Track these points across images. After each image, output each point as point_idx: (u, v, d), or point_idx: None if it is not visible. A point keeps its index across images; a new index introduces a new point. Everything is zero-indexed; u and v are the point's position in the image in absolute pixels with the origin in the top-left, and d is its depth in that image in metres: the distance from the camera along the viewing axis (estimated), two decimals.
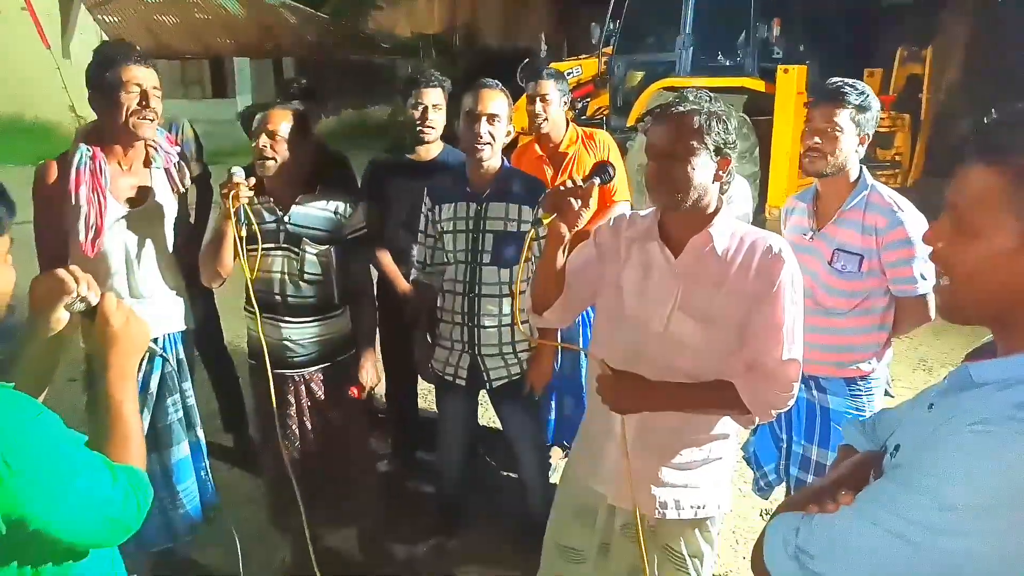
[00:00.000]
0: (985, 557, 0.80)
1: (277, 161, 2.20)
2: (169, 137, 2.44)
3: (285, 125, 2.20)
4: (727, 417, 1.74)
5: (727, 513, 1.86)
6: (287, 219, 2.29)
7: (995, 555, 0.80)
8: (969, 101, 7.83)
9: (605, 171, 1.72)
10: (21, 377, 1.21)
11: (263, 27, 16.54)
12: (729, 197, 1.72)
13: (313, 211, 2.31)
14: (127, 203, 2.20)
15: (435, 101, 2.86)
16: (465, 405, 2.70)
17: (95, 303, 1.24)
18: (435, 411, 3.71)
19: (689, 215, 1.63)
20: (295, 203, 2.29)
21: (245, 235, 2.20)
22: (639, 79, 7.88)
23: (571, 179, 1.67)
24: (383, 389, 3.45)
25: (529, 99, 3.08)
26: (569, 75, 7.76)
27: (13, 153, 10.20)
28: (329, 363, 2.41)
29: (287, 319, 2.31)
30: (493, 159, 2.38)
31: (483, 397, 2.72)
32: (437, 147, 2.96)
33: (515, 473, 2.98)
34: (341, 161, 3.31)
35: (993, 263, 0.87)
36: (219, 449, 3.31)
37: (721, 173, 1.61)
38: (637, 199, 4.58)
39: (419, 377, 3.14)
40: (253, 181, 2.15)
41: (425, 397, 3.91)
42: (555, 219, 1.66)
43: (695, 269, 1.64)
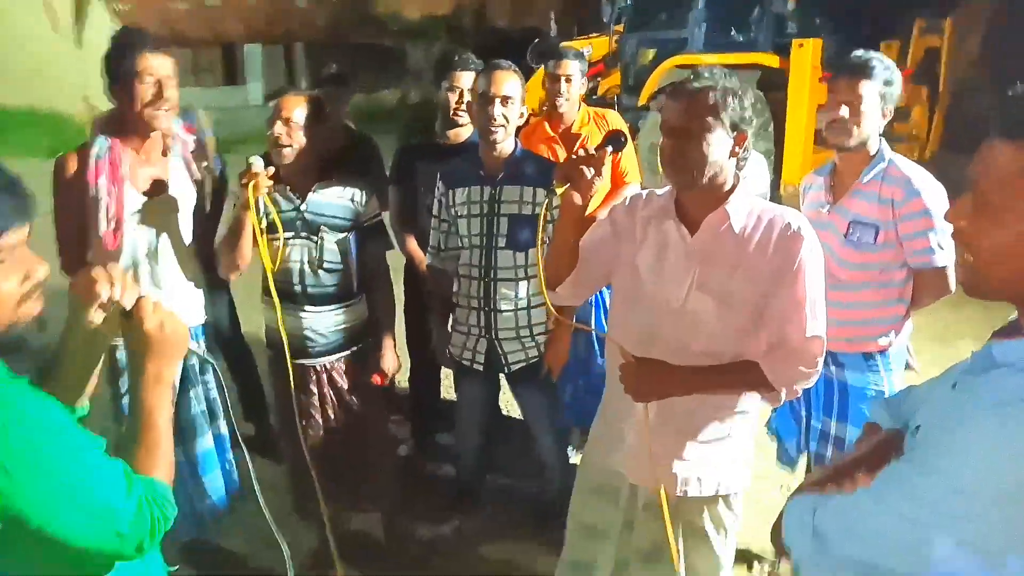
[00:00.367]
0: (995, 543, 0.80)
1: (294, 148, 2.20)
2: (185, 125, 2.45)
3: (299, 111, 2.19)
4: (747, 394, 1.73)
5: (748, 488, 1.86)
6: (305, 207, 2.29)
7: (1005, 542, 0.79)
8: (988, 74, 7.68)
9: (618, 140, 1.71)
10: (62, 372, 1.20)
11: (273, 12, 16.52)
12: (745, 174, 1.71)
13: (331, 199, 2.32)
14: (146, 194, 2.22)
15: (471, 85, 2.81)
16: (483, 389, 2.72)
17: (129, 306, 1.17)
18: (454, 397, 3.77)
19: (705, 193, 1.62)
20: (312, 191, 2.30)
21: (265, 225, 2.21)
22: (651, 57, 7.77)
23: (583, 147, 1.67)
24: (404, 374, 3.47)
25: (551, 79, 3.05)
26: (587, 52, 7.67)
27: (27, 146, 10.24)
28: (350, 351, 2.42)
29: (307, 308, 2.32)
30: (507, 142, 2.38)
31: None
32: (467, 130, 2.94)
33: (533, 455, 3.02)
34: (367, 143, 3.30)
35: (1017, 242, 0.85)
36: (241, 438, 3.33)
37: (737, 149, 1.60)
38: (649, 179, 4.54)
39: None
40: (272, 170, 2.15)
41: (444, 382, 3.93)
42: (568, 189, 1.65)
43: (712, 247, 1.63)
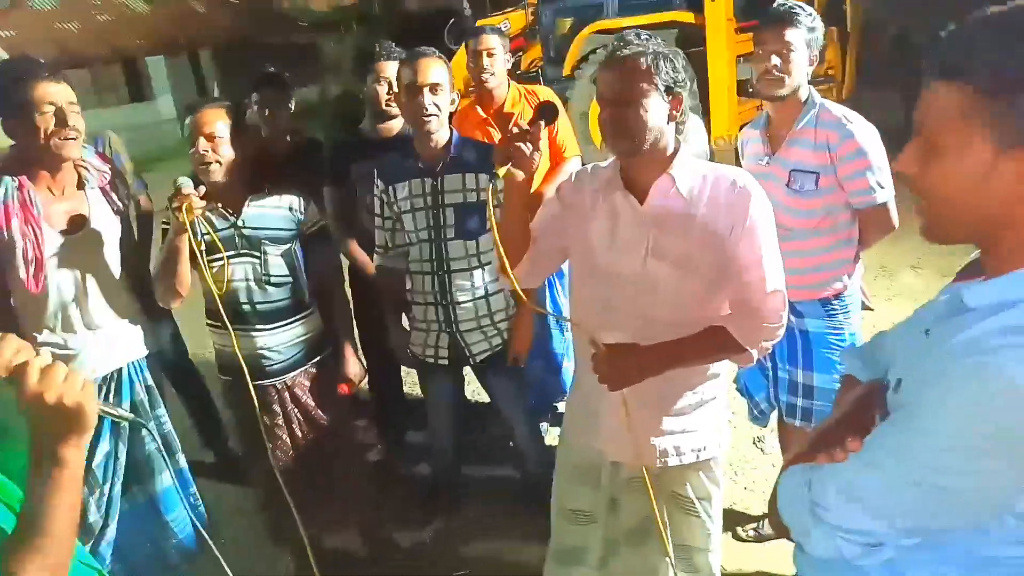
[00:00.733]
0: (996, 494, 0.79)
1: (221, 164, 2.09)
2: (99, 154, 2.30)
3: (222, 125, 2.08)
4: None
5: (727, 450, 1.88)
6: (241, 223, 2.18)
7: (1006, 491, 0.79)
8: (891, 6, 7.92)
9: (549, 111, 1.68)
10: None
11: (172, 21, 15.75)
12: (685, 136, 1.69)
13: (267, 211, 2.21)
14: (65, 230, 2.08)
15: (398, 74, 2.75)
16: (450, 384, 2.68)
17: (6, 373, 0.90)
18: (418, 394, 3.72)
19: (649, 159, 1.61)
20: (246, 206, 2.19)
21: (204, 247, 2.10)
22: (569, 26, 7.73)
23: (516, 125, 1.64)
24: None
25: (473, 56, 2.97)
26: (504, 27, 7.58)
27: None
28: (309, 364, 2.34)
29: (259, 327, 2.22)
30: (441, 131, 2.31)
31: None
32: (399, 122, 2.85)
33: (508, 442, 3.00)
34: (314, 146, 3.18)
35: (968, 183, 0.83)
36: (201, 466, 3.23)
37: (675, 113, 1.59)
38: (584, 150, 4.53)
39: None
40: (204, 189, 2.03)
41: (406, 380, 3.87)
42: (509, 169, 1.62)
43: (662, 213, 1.62)
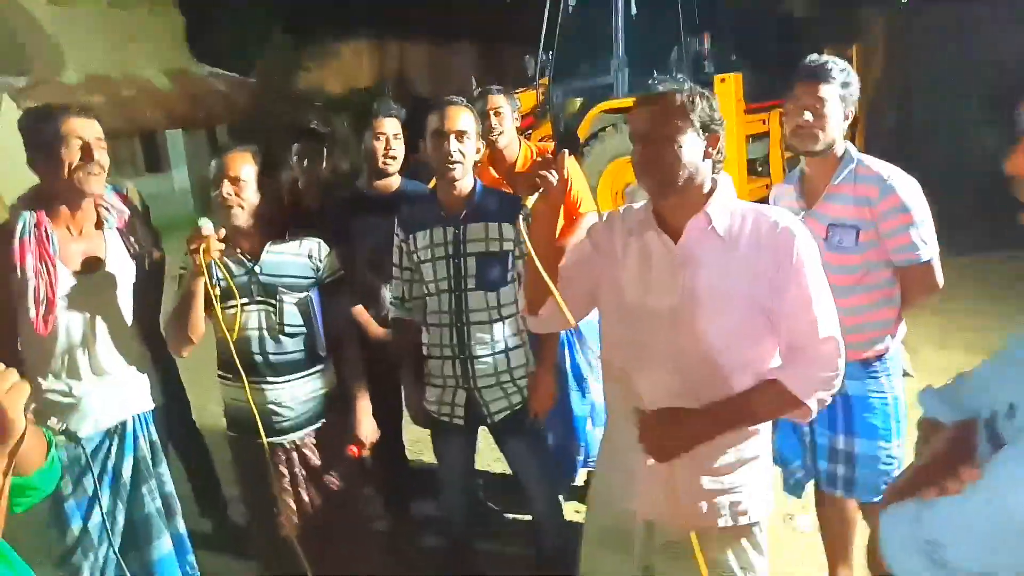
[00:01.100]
0: None
1: (244, 208, 2.05)
2: (119, 195, 2.26)
3: (248, 168, 2.06)
4: None
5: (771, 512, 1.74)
6: (259, 269, 2.12)
7: None
8: (894, 92, 8.16)
9: (570, 142, 1.66)
10: None
11: (192, 97, 16.33)
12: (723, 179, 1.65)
13: (286, 258, 2.16)
14: (80, 271, 2.01)
15: (395, 131, 2.77)
16: (465, 445, 2.53)
17: None
18: (420, 460, 3.57)
19: (684, 199, 1.57)
20: (265, 252, 2.13)
21: (219, 292, 2.03)
22: (579, 105, 7.95)
23: (541, 154, 1.61)
24: None
25: (481, 118, 3.00)
26: None
27: None
28: (320, 423, 2.22)
29: (270, 379, 2.12)
30: (465, 179, 2.27)
31: None
32: (396, 180, 2.84)
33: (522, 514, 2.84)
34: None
35: None
36: (199, 536, 3.05)
37: (711, 150, 1.56)
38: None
39: (402, 426, 2.99)
40: (224, 232, 1.98)
41: (413, 447, 3.73)
42: (537, 200, 1.61)
43: (697, 252, 1.56)
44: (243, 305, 2.09)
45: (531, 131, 8.73)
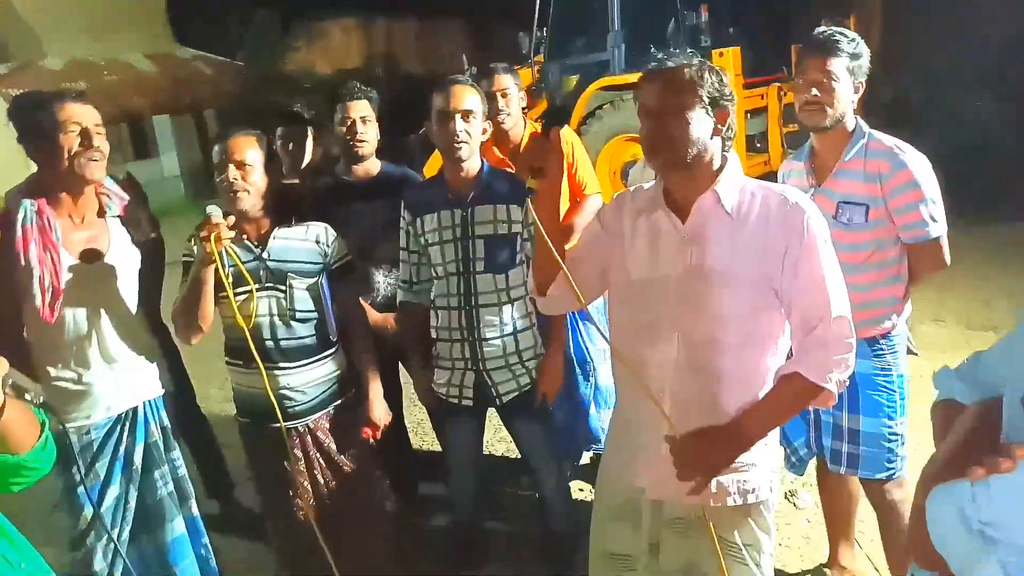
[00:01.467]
0: None
1: (250, 193, 2.02)
2: (119, 182, 2.23)
3: (253, 153, 2.03)
4: None
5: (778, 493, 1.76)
6: (267, 255, 2.10)
7: None
8: (891, 62, 8.11)
9: (555, 116, 1.64)
10: None
11: (178, 82, 16.06)
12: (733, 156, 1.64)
13: (294, 244, 2.13)
14: (84, 259, 1.99)
15: (363, 113, 2.69)
16: (474, 426, 2.54)
17: None
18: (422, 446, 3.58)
19: (693, 176, 1.56)
20: (272, 237, 2.11)
21: (231, 280, 2.01)
22: (574, 83, 7.88)
23: (533, 134, 1.61)
24: None
25: (488, 99, 2.96)
26: None
27: None
28: (333, 406, 2.22)
29: (283, 365, 2.11)
30: (472, 159, 2.25)
31: None
32: (375, 164, 2.79)
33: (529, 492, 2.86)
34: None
35: None
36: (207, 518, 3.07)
37: (720, 127, 1.54)
38: None
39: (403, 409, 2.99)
40: (232, 219, 1.96)
41: (415, 431, 3.74)
42: (538, 180, 1.60)
43: (705, 231, 1.56)
44: (252, 291, 2.06)
45: (526, 110, 8.67)
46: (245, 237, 2.10)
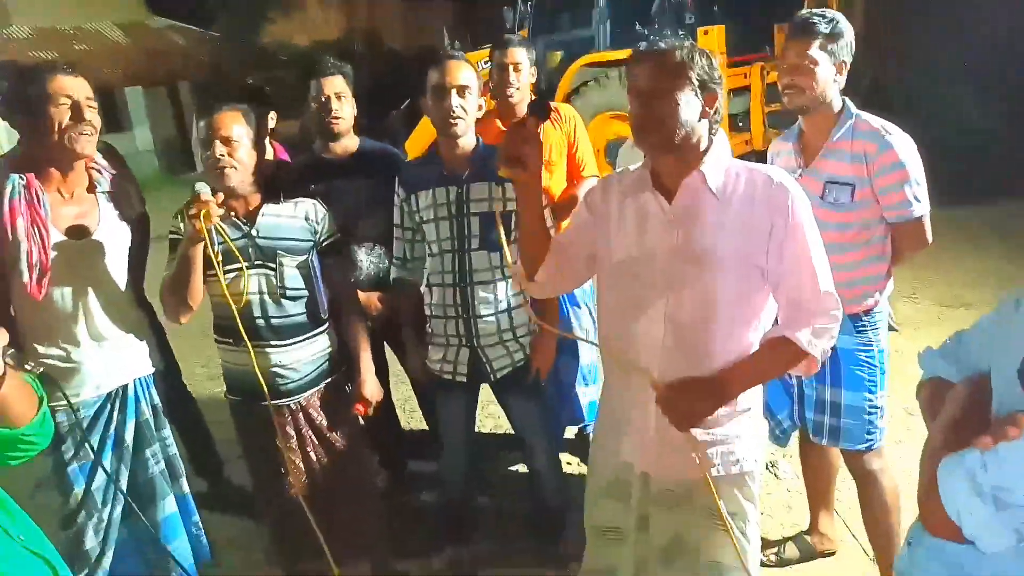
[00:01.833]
0: None
1: (237, 169, 2.00)
2: (108, 156, 2.19)
3: (239, 128, 2.00)
4: None
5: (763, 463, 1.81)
6: (256, 232, 2.08)
7: None
8: (873, 47, 8.16)
9: (541, 109, 1.64)
10: None
11: (151, 53, 15.65)
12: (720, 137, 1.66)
13: (283, 221, 2.12)
14: (73, 235, 1.96)
15: (337, 89, 2.64)
16: (467, 403, 2.56)
17: None
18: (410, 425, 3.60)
19: (680, 158, 1.58)
20: (261, 214, 2.10)
21: (221, 258, 1.99)
22: (559, 59, 7.83)
23: (512, 124, 1.62)
24: None
25: (499, 69, 2.91)
26: (485, 64, 7.64)
27: None
28: (325, 384, 2.23)
29: (274, 343, 2.10)
30: (467, 135, 2.25)
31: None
32: (353, 141, 2.75)
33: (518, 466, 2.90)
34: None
35: None
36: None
37: (708, 110, 1.56)
38: None
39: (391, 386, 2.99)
40: (222, 197, 1.94)
41: (402, 407, 3.76)
42: (516, 172, 1.60)
43: (692, 212, 1.59)
44: (241, 269, 2.05)
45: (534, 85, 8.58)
46: (233, 214, 2.08)
